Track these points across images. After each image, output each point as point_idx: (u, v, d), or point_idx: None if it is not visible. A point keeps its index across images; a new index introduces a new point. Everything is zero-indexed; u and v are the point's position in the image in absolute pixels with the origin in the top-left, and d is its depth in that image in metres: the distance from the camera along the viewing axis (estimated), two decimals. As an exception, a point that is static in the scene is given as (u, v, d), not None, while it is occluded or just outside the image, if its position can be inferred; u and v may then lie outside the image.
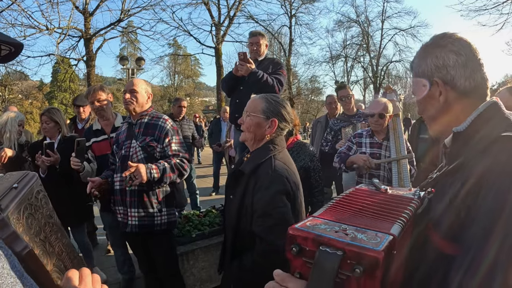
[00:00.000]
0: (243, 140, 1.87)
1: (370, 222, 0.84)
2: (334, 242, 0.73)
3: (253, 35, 3.64)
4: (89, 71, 18.20)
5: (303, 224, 0.83)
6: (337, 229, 0.79)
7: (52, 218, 1.05)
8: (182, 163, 2.58)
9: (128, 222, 2.56)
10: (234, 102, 3.56)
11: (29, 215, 0.90)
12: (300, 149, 2.90)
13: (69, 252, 1.05)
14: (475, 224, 0.79)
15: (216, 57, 22.20)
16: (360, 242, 0.72)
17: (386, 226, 0.80)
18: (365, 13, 31.29)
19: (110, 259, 4.01)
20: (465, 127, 0.96)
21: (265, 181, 1.66)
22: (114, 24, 19.00)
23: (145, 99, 2.67)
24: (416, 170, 3.15)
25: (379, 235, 0.75)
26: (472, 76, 0.98)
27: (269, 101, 1.81)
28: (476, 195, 0.81)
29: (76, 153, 2.75)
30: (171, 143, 2.61)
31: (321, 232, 0.77)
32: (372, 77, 32.11)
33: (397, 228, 0.79)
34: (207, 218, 3.62)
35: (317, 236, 0.76)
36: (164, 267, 2.73)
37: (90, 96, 3.10)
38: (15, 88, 27.78)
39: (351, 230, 0.78)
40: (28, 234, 0.86)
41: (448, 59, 0.99)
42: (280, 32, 28.54)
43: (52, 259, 0.93)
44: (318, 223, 0.83)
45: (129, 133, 2.66)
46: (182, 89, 40.06)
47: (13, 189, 0.90)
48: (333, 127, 4.26)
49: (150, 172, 2.38)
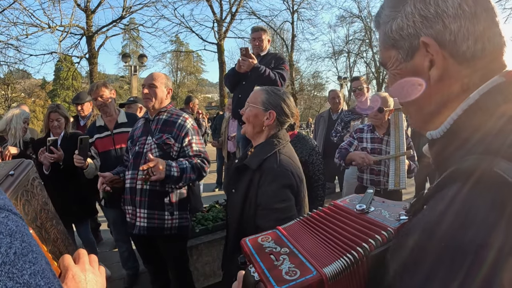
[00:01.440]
0: (244, 132, 1.89)
1: (317, 250, 0.78)
2: (256, 266, 0.76)
3: (255, 30, 3.66)
4: (92, 68, 18.20)
5: (255, 238, 0.88)
6: (275, 250, 0.81)
7: (47, 205, 1.06)
8: (203, 164, 2.45)
9: (136, 223, 2.43)
10: (236, 97, 3.57)
11: (25, 202, 0.91)
12: (298, 142, 2.87)
13: (64, 239, 1.07)
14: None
15: (218, 54, 22.13)
16: (273, 274, 0.72)
17: (326, 260, 0.72)
18: (368, 8, 30.98)
19: (114, 255, 4.04)
20: (442, 132, 0.63)
21: (270, 175, 1.67)
22: (116, 21, 18.99)
23: (165, 95, 2.55)
24: (417, 165, 3.14)
25: (304, 270, 0.71)
26: (486, 36, 0.59)
27: (269, 93, 1.83)
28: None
29: (79, 150, 2.74)
30: (191, 143, 2.48)
31: (257, 251, 0.82)
32: (375, 72, 31.91)
33: (335, 268, 0.69)
34: (211, 213, 3.64)
35: (251, 254, 0.81)
36: (172, 268, 2.66)
37: (93, 93, 3.10)
38: (18, 86, 27.84)
39: (285, 255, 0.78)
40: (25, 220, 0.86)
41: (446, 4, 0.60)
42: (282, 28, 28.41)
43: (48, 245, 0.95)
44: (270, 238, 0.87)
45: (145, 129, 2.56)
46: (184, 86, 40.09)
47: (9, 176, 0.90)
48: (344, 118, 4.27)
49: (170, 169, 2.25)
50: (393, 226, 0.74)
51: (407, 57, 0.65)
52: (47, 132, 3.34)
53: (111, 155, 3.04)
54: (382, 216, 0.80)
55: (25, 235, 0.49)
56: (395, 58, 0.67)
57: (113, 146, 3.09)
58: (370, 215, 0.81)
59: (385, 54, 0.69)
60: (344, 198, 0.96)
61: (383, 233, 0.72)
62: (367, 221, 0.79)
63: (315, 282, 0.67)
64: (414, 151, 3.12)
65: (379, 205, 0.87)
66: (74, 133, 3.39)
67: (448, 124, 0.61)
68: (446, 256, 0.45)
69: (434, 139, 0.65)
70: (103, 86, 3.13)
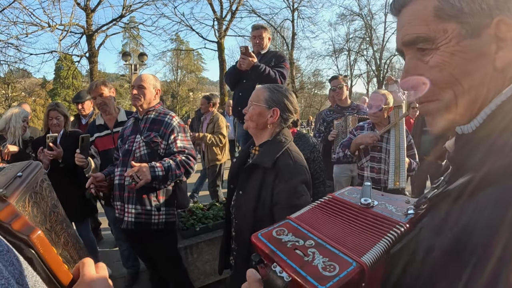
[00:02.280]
0: (246, 128, 1.88)
1: (343, 238, 0.71)
2: (284, 265, 0.66)
3: (256, 28, 3.66)
4: (92, 67, 18.19)
5: (268, 232, 0.78)
6: (299, 244, 0.71)
7: (57, 207, 1.04)
8: (188, 160, 2.52)
9: (124, 218, 2.51)
10: (237, 95, 3.58)
11: (34, 204, 0.89)
12: (299, 140, 2.88)
13: (74, 243, 1.04)
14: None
15: (218, 52, 22.11)
16: (310, 272, 0.62)
17: (360, 248, 0.66)
18: (368, 6, 31.00)
19: (115, 254, 4.04)
20: (475, 127, 0.58)
21: (288, 172, 1.67)
22: (116, 20, 18.95)
23: (153, 95, 2.64)
24: (418, 164, 3.12)
25: (342, 263, 0.63)
26: None
27: (272, 91, 1.82)
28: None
29: (81, 149, 2.75)
30: (176, 139, 2.55)
31: (278, 247, 0.71)
32: (376, 70, 31.88)
33: (373, 255, 0.64)
34: (211, 212, 3.64)
35: (272, 252, 0.70)
36: (163, 265, 2.70)
37: (93, 91, 3.09)
38: (18, 86, 27.81)
39: (313, 249, 0.68)
40: (34, 222, 0.84)
41: None
42: (282, 26, 28.40)
43: (58, 249, 0.92)
44: (286, 231, 0.77)
45: (135, 127, 2.63)
46: (185, 84, 40.08)
47: (17, 178, 0.88)
48: (326, 118, 4.24)
49: (155, 170, 2.32)
50: (404, 221, 0.70)
51: (473, 35, 0.56)
52: (46, 131, 3.35)
53: (111, 154, 3.03)
54: (389, 211, 0.76)
55: None
56: (456, 33, 0.57)
57: (113, 145, 3.08)
58: (376, 209, 0.77)
59: (437, 26, 0.58)
60: (342, 191, 0.90)
61: (397, 228, 0.68)
62: (376, 216, 0.74)
63: (356, 274, 0.60)
64: (415, 149, 3.11)
65: (380, 198, 0.82)
66: (74, 131, 3.41)
67: (481, 118, 0.57)
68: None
69: (464, 134, 0.60)
70: (102, 84, 3.12)
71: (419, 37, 0.59)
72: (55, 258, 0.72)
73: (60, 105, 3.40)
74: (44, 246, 0.71)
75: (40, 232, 0.71)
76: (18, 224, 0.71)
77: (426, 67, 0.59)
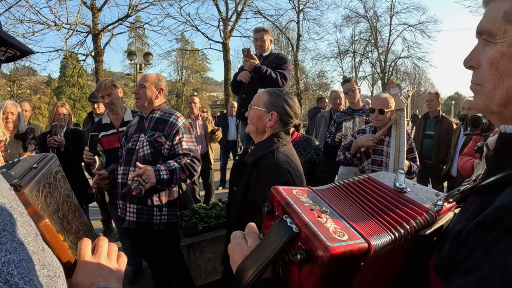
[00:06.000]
0: (248, 131, 1.92)
1: (358, 218, 0.71)
2: (296, 216, 0.67)
3: (257, 31, 3.72)
4: (97, 66, 18.31)
5: (289, 189, 0.78)
6: (315, 207, 0.71)
7: (70, 197, 1.09)
8: (192, 163, 2.48)
9: (126, 217, 2.49)
10: (240, 97, 3.65)
11: (47, 193, 0.95)
12: (306, 143, 2.95)
13: (86, 231, 1.09)
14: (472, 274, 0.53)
15: (223, 52, 22.19)
16: (321, 229, 0.62)
17: (371, 230, 0.67)
18: (374, 8, 31.03)
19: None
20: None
21: (266, 172, 1.69)
22: (122, 19, 19.08)
23: (154, 94, 2.61)
24: (419, 167, 3.12)
25: (352, 235, 0.63)
26: None
27: (271, 95, 1.84)
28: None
29: (90, 147, 2.77)
30: (181, 141, 2.51)
31: (295, 202, 0.71)
32: (380, 73, 31.85)
33: (383, 241, 0.64)
34: (214, 211, 3.68)
35: (287, 204, 0.71)
36: (165, 263, 2.71)
37: (102, 91, 3.11)
38: (24, 83, 28.05)
39: (328, 215, 0.69)
40: (46, 211, 0.91)
41: None
42: (287, 27, 28.38)
43: (70, 236, 0.98)
44: (306, 195, 0.77)
45: (139, 126, 2.63)
46: (189, 84, 40.19)
47: (32, 169, 0.95)
48: (337, 119, 4.31)
49: (160, 173, 2.29)
50: (434, 210, 0.72)
51: None
52: (50, 122, 3.81)
53: (116, 153, 3.06)
54: (420, 199, 0.77)
55: (8, 224, 0.51)
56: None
57: (118, 144, 3.10)
58: (408, 194, 0.78)
59: (501, 26, 0.64)
60: (377, 174, 0.92)
61: (424, 215, 0.70)
62: (407, 200, 0.76)
63: (362, 250, 0.61)
64: (416, 152, 3.12)
65: (412, 187, 0.83)
66: (75, 129, 3.90)
67: None
68: None
69: (508, 133, 0.64)
70: (112, 85, 3.13)
71: (485, 30, 0.67)
72: (60, 244, 0.77)
73: (67, 105, 3.95)
74: (51, 233, 0.76)
75: (48, 221, 0.76)
76: (28, 212, 0.77)
77: (484, 56, 0.67)
